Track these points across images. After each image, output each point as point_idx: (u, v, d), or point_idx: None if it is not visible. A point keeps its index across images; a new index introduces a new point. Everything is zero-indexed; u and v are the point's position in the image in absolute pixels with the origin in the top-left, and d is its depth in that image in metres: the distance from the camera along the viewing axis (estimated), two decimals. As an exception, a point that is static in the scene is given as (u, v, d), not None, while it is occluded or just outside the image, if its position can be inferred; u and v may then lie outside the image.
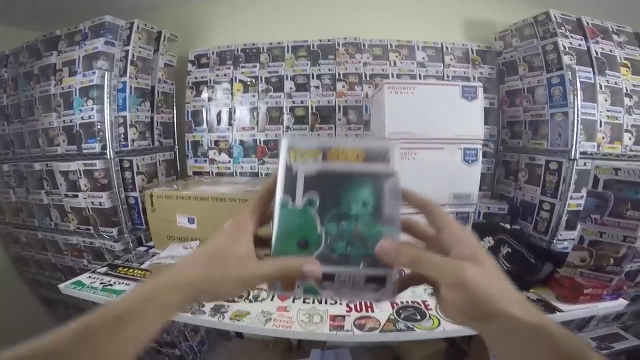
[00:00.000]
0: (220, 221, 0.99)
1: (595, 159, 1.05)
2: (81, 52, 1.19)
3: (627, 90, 1.14)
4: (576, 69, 1.05)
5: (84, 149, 1.20)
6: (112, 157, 1.14)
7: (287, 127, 1.40)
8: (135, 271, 0.96)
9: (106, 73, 1.11)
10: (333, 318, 0.77)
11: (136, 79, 1.27)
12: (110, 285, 0.88)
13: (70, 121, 1.21)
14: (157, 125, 1.40)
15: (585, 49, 1.12)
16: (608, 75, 1.12)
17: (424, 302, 0.81)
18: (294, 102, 1.38)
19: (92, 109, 1.16)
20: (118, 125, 1.22)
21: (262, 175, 1.45)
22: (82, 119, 1.18)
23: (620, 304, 0.77)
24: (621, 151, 1.14)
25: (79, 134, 1.20)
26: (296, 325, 0.74)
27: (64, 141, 1.25)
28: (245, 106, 1.42)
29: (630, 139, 1.15)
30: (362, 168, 0.31)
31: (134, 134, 1.27)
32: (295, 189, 0.31)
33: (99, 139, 1.17)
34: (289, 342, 1.81)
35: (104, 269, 0.98)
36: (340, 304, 0.82)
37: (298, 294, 0.30)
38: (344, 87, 1.35)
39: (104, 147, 1.15)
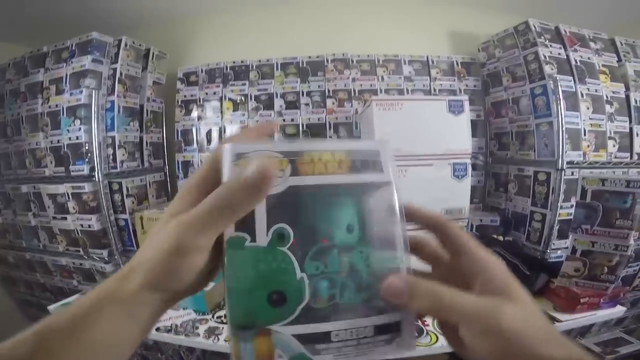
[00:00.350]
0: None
1: (582, 167, 1.07)
2: (68, 70, 1.18)
3: (607, 97, 1.16)
4: (557, 78, 1.07)
5: (72, 170, 1.18)
6: (100, 179, 1.12)
7: None
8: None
9: (94, 92, 1.10)
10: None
11: (124, 97, 1.25)
12: None
13: (58, 141, 1.19)
14: (147, 145, 1.38)
15: (565, 57, 1.16)
16: (588, 83, 1.14)
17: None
18: (284, 120, 1.38)
19: (80, 129, 1.14)
20: (107, 146, 1.20)
21: None
22: (70, 140, 1.16)
23: (619, 310, 0.78)
24: (606, 158, 1.16)
25: (67, 155, 1.18)
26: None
27: (51, 162, 1.23)
28: (236, 125, 1.41)
29: (614, 146, 1.18)
30: (348, 180, 0.22)
31: (123, 154, 1.25)
32: (255, 220, 0.21)
33: (87, 160, 1.15)
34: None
35: None
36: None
37: None
38: (333, 103, 1.36)
39: (92, 169, 1.13)
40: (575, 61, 1.15)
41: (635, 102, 1.19)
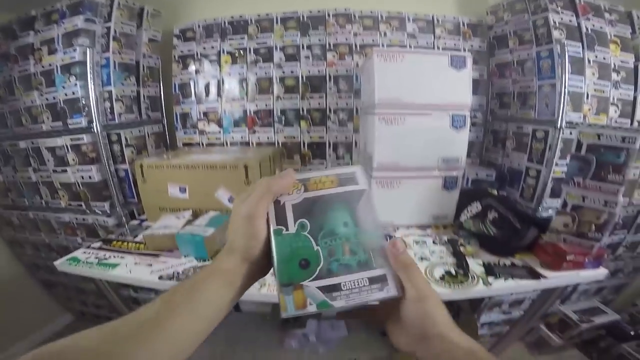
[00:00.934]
0: (211, 189, 1.01)
1: (579, 127, 1.08)
2: (60, 31, 1.16)
3: (615, 65, 1.15)
4: (565, 43, 1.06)
5: (70, 124, 1.19)
6: (99, 130, 1.13)
7: (278, 97, 1.39)
8: (130, 244, 0.97)
9: (88, 49, 1.08)
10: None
11: (120, 54, 1.24)
12: (106, 259, 0.89)
13: (54, 98, 1.19)
14: (144, 99, 1.38)
15: (576, 25, 1.14)
16: (597, 50, 1.13)
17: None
18: (283, 72, 1.37)
19: (76, 84, 1.14)
20: (104, 100, 1.20)
21: (253, 144, 1.46)
22: (66, 95, 1.16)
23: (601, 272, 0.79)
24: (606, 122, 1.17)
25: (64, 110, 1.18)
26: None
27: (48, 118, 1.23)
28: (234, 77, 1.41)
29: (615, 111, 1.18)
30: (338, 190, 0.37)
31: (121, 107, 1.26)
32: (286, 218, 0.35)
33: (84, 114, 1.15)
34: (286, 313, 1.87)
35: (98, 244, 0.98)
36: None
37: (312, 310, 0.30)
38: (334, 56, 1.34)
39: (90, 122, 1.13)
40: (587, 29, 1.13)
41: None
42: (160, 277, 0.79)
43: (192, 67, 1.42)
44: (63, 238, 1.40)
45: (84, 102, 1.14)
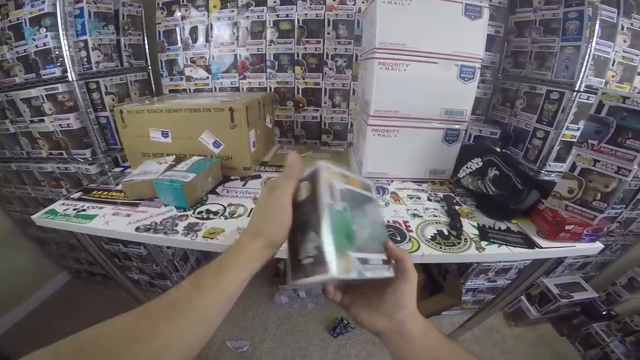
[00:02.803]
0: (196, 133, 0.94)
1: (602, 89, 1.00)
2: None
3: None
4: (599, 6, 0.95)
5: (43, 75, 1.12)
6: (75, 79, 1.08)
7: (271, 42, 1.30)
8: (110, 193, 0.92)
9: (58, 0, 1.00)
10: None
11: (95, 3, 1.15)
12: (84, 210, 0.83)
13: (24, 51, 1.13)
14: (126, 47, 1.30)
15: None
16: (634, 18, 1.02)
17: (405, 222, 0.79)
18: (278, 16, 1.26)
19: (46, 36, 1.07)
20: (79, 49, 1.13)
21: (243, 89, 1.39)
22: (37, 47, 1.10)
23: (597, 247, 0.75)
24: (629, 91, 1.09)
25: (36, 62, 1.12)
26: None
27: (20, 71, 1.16)
28: (224, 22, 1.30)
29: None
30: (362, 192, 0.45)
31: (98, 56, 1.19)
32: (335, 197, 0.39)
33: (58, 64, 1.10)
34: (277, 268, 1.90)
35: (78, 194, 0.92)
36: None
37: (352, 276, 0.35)
38: (334, 0, 1.22)
39: (64, 72, 1.08)
40: None
41: None
42: (138, 229, 0.75)
43: (178, 14, 1.32)
44: (48, 190, 1.38)
45: (57, 53, 1.08)
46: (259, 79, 1.37)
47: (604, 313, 1.54)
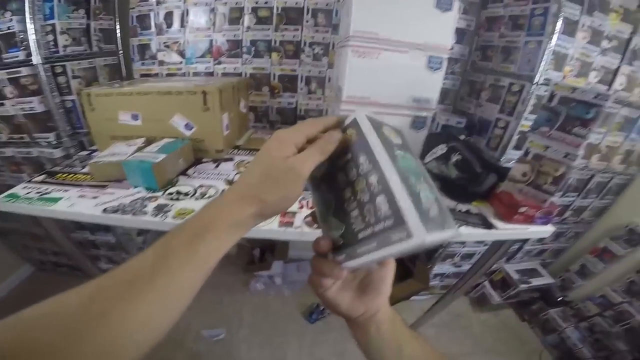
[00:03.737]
0: (167, 116, 0.92)
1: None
2: None
3: (608, 34, 1.12)
4: (563, 3, 1.01)
5: (5, 59, 1.07)
6: (40, 62, 1.05)
7: (248, 27, 1.29)
8: (76, 176, 0.89)
9: None
10: (283, 214, 0.76)
11: None
12: (47, 193, 0.80)
13: None
14: (95, 31, 1.26)
15: None
16: (595, 16, 1.09)
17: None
18: (256, 3, 1.26)
19: (11, 20, 1.02)
20: (46, 33, 1.09)
21: (218, 74, 1.38)
22: (1, 31, 1.04)
23: (548, 230, 0.81)
24: (583, 86, 1.15)
25: None
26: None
27: None
28: (201, 7, 1.28)
29: (595, 77, 1.17)
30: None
31: (66, 40, 1.15)
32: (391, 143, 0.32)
33: (22, 47, 1.05)
34: (251, 255, 1.90)
35: (41, 177, 0.88)
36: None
37: None
38: None
39: (28, 55, 1.05)
40: None
41: (635, 45, 1.17)
42: (105, 210, 0.73)
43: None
44: (8, 176, 1.30)
45: (21, 37, 1.04)
46: (234, 65, 1.35)
47: (559, 299, 1.64)
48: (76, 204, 0.76)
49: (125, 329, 0.24)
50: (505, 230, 0.79)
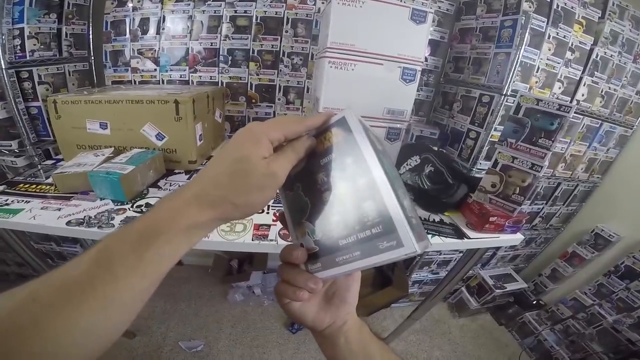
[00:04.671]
0: (137, 125, 0.90)
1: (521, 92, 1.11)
2: None
3: (572, 45, 1.18)
4: (531, 15, 1.06)
5: None
6: (3, 66, 0.99)
7: (226, 36, 1.28)
8: (39, 186, 0.85)
9: None
10: (257, 227, 0.75)
11: None
12: (7, 204, 0.75)
13: None
14: (67, 36, 1.21)
15: (548, 0, 1.12)
16: (560, 28, 1.14)
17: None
18: (236, 12, 1.25)
19: None
20: (12, 37, 1.04)
21: (193, 83, 1.35)
22: None
23: (518, 238, 0.84)
24: (549, 97, 1.20)
25: None
26: (215, 234, 0.70)
27: None
28: (178, 15, 1.26)
29: (560, 88, 1.23)
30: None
31: (34, 45, 1.10)
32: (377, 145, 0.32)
33: None
34: (229, 266, 1.86)
35: (0, 188, 0.83)
36: (268, 212, 0.81)
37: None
38: None
39: None
40: (557, 6, 1.12)
41: (597, 56, 1.23)
42: (69, 223, 0.70)
43: (130, 5, 1.25)
44: None
45: None
46: (211, 73, 1.34)
47: (534, 303, 1.69)
48: (38, 215, 0.72)
49: (64, 340, 0.22)
50: (477, 240, 0.81)
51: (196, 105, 0.94)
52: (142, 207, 0.77)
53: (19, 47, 1.06)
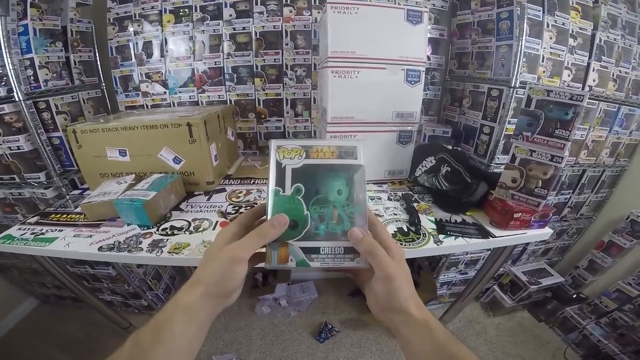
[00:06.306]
0: (154, 150, 0.93)
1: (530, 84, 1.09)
2: None
3: (572, 31, 1.16)
4: (526, 5, 1.05)
5: None
6: (21, 99, 1.04)
7: (228, 55, 1.31)
8: (70, 216, 0.89)
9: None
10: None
11: (40, 20, 1.11)
12: (42, 234, 0.81)
13: None
14: (76, 64, 1.26)
15: None
16: (557, 15, 1.12)
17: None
18: (234, 30, 1.28)
19: None
20: (25, 67, 1.09)
21: (202, 103, 1.39)
22: None
23: (547, 232, 0.80)
24: (559, 85, 1.19)
25: None
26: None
27: None
28: (179, 37, 1.30)
29: (569, 75, 1.20)
30: (336, 162, 0.40)
31: (47, 74, 1.14)
32: (285, 180, 0.38)
33: (2, 83, 1.04)
34: (254, 279, 1.88)
35: (34, 219, 0.89)
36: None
37: (291, 266, 0.37)
38: (291, 12, 1.26)
39: (10, 91, 1.03)
40: None
41: (600, 40, 1.20)
42: (101, 248, 0.73)
43: (130, 29, 1.30)
44: (2, 217, 1.29)
45: (0, 72, 1.03)
46: (218, 92, 1.36)
47: (574, 296, 1.61)
48: (72, 243, 0.76)
49: None
50: (503, 238, 0.78)
51: (208, 126, 0.96)
52: (167, 230, 0.80)
53: (32, 78, 1.11)
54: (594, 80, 1.24)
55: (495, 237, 0.77)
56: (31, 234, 0.81)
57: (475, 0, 1.23)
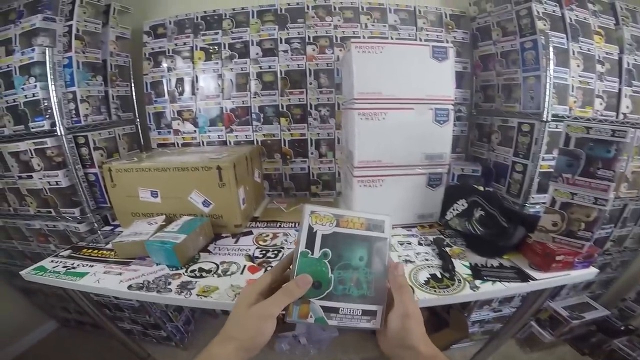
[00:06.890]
0: (184, 192, 0.96)
1: (567, 121, 1.04)
2: (17, 30, 1.09)
3: (599, 57, 1.13)
4: (549, 33, 1.03)
5: (32, 127, 1.12)
6: (63, 133, 1.07)
7: (255, 94, 1.34)
8: (100, 252, 0.92)
9: (47, 49, 1.02)
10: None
11: (83, 53, 1.17)
12: (74, 268, 0.83)
13: (14, 101, 1.12)
14: (114, 99, 1.32)
15: (560, 15, 1.10)
16: (581, 41, 1.10)
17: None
18: (261, 68, 1.32)
19: (36, 86, 1.08)
20: (68, 101, 1.14)
21: (230, 143, 1.41)
22: (26, 98, 1.10)
23: (592, 272, 0.76)
24: (592, 115, 1.14)
25: (25, 113, 1.12)
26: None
27: (9, 122, 1.15)
28: (208, 74, 1.35)
29: (601, 104, 1.16)
30: (364, 233, 0.44)
31: (87, 108, 1.19)
32: (314, 244, 0.43)
33: (47, 116, 1.09)
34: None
35: (67, 252, 0.93)
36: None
37: (310, 321, 0.41)
38: (314, 50, 1.29)
39: (53, 125, 1.08)
40: (570, 19, 1.10)
41: (628, 64, 1.17)
42: (130, 287, 0.74)
43: (164, 65, 1.36)
44: (36, 245, 1.34)
45: (45, 104, 1.08)
46: (246, 132, 1.38)
47: (622, 328, 1.51)
48: (102, 279, 0.78)
49: None
50: (544, 280, 0.73)
51: (237, 169, 0.98)
52: (196, 272, 0.80)
53: (74, 112, 1.15)
54: (627, 107, 1.19)
55: (536, 279, 0.73)
56: (63, 267, 0.84)
57: (497, 30, 1.23)
